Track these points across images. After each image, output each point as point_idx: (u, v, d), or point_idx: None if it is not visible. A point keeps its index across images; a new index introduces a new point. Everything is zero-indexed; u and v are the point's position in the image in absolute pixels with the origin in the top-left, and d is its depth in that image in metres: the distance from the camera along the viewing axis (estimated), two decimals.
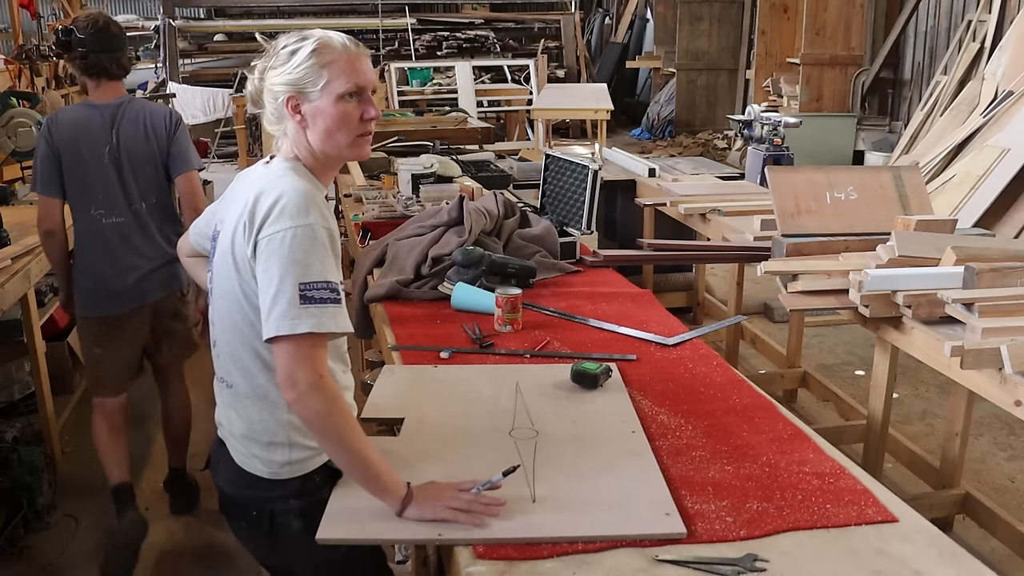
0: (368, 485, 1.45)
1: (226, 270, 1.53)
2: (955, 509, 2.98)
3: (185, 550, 2.95)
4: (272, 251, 1.43)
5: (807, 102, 8.26)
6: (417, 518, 1.42)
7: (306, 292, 1.40)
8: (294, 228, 1.43)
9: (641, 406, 1.89)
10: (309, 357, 1.41)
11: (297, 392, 1.40)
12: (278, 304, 1.40)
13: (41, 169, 2.77)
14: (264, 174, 1.54)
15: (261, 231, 1.45)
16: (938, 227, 2.81)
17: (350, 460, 1.45)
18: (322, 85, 1.50)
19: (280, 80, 1.52)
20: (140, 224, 2.84)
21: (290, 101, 1.52)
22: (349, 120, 1.53)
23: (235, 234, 1.50)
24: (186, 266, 1.90)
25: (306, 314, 1.40)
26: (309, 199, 1.46)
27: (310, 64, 1.50)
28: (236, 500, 1.64)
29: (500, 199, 2.90)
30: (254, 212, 1.46)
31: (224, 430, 1.65)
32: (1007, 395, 2.07)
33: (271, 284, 1.42)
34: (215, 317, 1.60)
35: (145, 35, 13.03)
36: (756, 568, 1.32)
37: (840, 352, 4.64)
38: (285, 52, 1.53)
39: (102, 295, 2.84)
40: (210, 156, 10.79)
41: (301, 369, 1.40)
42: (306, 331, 1.39)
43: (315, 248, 1.43)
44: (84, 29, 2.76)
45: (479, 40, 12.98)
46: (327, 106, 1.51)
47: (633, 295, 2.68)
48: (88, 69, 2.79)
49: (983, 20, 6.78)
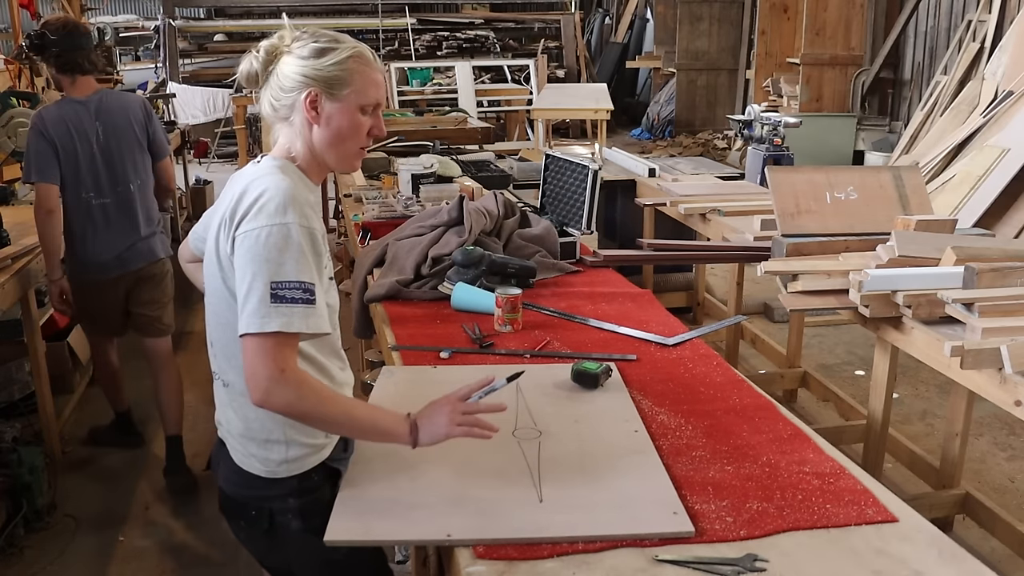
0: (373, 438, 1.51)
1: (213, 268, 1.54)
2: (955, 509, 2.98)
3: (185, 550, 2.95)
4: (247, 248, 1.43)
5: (807, 102, 8.26)
6: (431, 442, 1.48)
7: (277, 291, 1.40)
8: (270, 227, 1.42)
9: (641, 406, 1.89)
10: (271, 354, 1.40)
11: (261, 391, 1.40)
12: (249, 302, 1.41)
13: (38, 161, 3.07)
14: (252, 172, 1.54)
15: (239, 227, 1.45)
16: (938, 227, 2.81)
17: (342, 427, 1.50)
18: (348, 91, 1.51)
19: (302, 71, 1.51)
20: (124, 204, 3.21)
21: (309, 96, 1.51)
22: (360, 132, 1.55)
23: (219, 231, 1.51)
24: (187, 272, 1.89)
25: (276, 313, 1.39)
26: (290, 198, 1.46)
27: (343, 69, 1.51)
28: (235, 499, 1.64)
29: (500, 199, 2.90)
30: (235, 208, 1.47)
31: (223, 429, 1.65)
32: (1007, 395, 2.07)
33: (244, 281, 1.42)
34: (210, 314, 1.60)
35: (145, 35, 13.02)
36: (756, 568, 1.32)
37: (840, 352, 4.64)
38: (314, 47, 1.52)
39: (91, 266, 3.22)
40: (210, 156, 10.80)
41: (262, 366, 1.40)
42: (274, 330, 1.39)
43: (289, 248, 1.42)
44: (56, 31, 3.10)
45: (479, 40, 12.98)
46: (346, 112, 1.52)
47: (633, 295, 2.68)
48: (63, 67, 3.11)
49: (983, 20, 6.78)
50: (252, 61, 1.55)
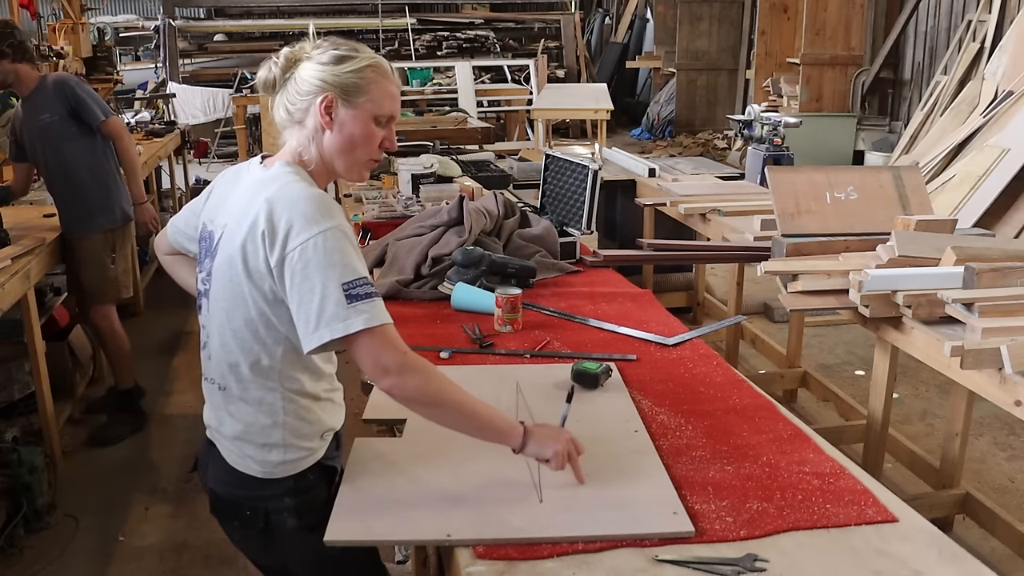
0: (486, 435, 1.53)
1: (233, 276, 1.50)
2: (955, 509, 2.98)
3: (185, 550, 2.95)
4: (307, 260, 1.41)
5: (807, 102, 8.26)
6: (535, 454, 1.52)
7: (350, 291, 1.41)
8: (323, 232, 1.42)
9: (641, 406, 1.90)
10: (389, 342, 1.44)
11: (391, 378, 1.43)
12: (326, 309, 1.40)
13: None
14: (266, 180, 1.51)
15: (288, 243, 1.43)
16: (938, 227, 2.81)
17: (463, 418, 1.51)
18: (364, 100, 1.51)
19: (320, 76, 1.51)
20: (60, 174, 3.58)
21: (325, 100, 1.50)
22: (372, 142, 1.55)
23: (246, 243, 1.47)
24: (164, 264, 1.86)
25: (355, 312, 1.40)
26: (325, 202, 1.47)
27: (361, 77, 1.51)
28: (229, 500, 1.63)
29: (500, 199, 2.90)
30: (273, 223, 1.44)
31: (213, 431, 1.63)
32: (1007, 395, 2.07)
33: (314, 292, 1.41)
34: (212, 319, 1.58)
35: (145, 35, 13.03)
36: (756, 568, 1.32)
37: (840, 352, 4.64)
38: (333, 54, 1.52)
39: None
40: (210, 156, 10.80)
41: (387, 355, 1.43)
42: (360, 328, 1.40)
43: (346, 247, 1.43)
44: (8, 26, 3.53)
45: (479, 40, 12.98)
46: (360, 120, 1.52)
47: (633, 295, 2.68)
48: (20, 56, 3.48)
49: (983, 20, 6.78)
50: (271, 67, 1.54)
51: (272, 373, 1.52)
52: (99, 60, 6.81)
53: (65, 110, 3.49)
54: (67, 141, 3.52)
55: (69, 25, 6.41)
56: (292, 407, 1.55)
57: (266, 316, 1.49)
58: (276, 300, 1.47)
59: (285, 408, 1.54)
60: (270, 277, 1.46)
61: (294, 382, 1.54)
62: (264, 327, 1.49)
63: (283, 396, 1.54)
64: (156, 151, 5.91)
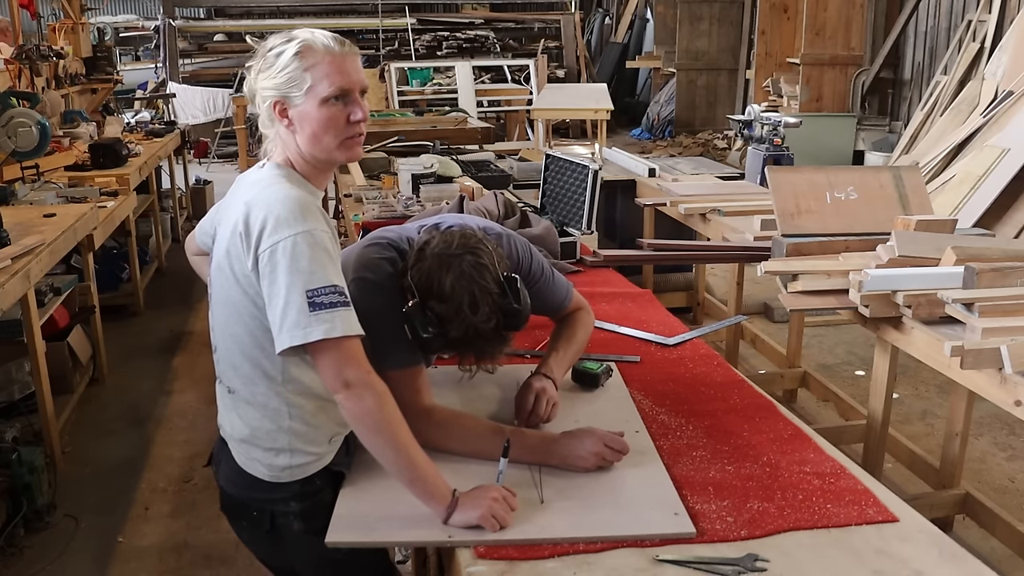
0: (415, 489, 1.44)
1: (224, 280, 1.52)
2: (955, 509, 2.98)
3: (185, 550, 2.95)
4: (275, 262, 1.41)
5: (807, 102, 8.26)
6: (461, 524, 1.42)
7: (314, 299, 1.39)
8: (293, 236, 1.41)
9: (642, 406, 1.90)
10: (353, 356, 1.41)
11: (350, 391, 1.40)
12: (288, 315, 1.39)
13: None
14: (255, 183, 1.52)
15: (260, 244, 1.43)
16: (938, 227, 2.81)
17: (398, 459, 1.44)
18: (306, 89, 1.48)
19: (267, 84, 1.51)
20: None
21: (277, 105, 1.51)
22: (335, 123, 1.51)
23: (230, 245, 1.48)
24: (192, 264, 1.87)
25: (317, 321, 1.38)
26: (302, 205, 1.45)
27: (293, 68, 1.48)
28: (237, 500, 1.64)
29: (500, 199, 2.90)
30: (248, 224, 1.45)
31: (226, 432, 1.64)
32: (1007, 395, 2.07)
33: (279, 295, 1.40)
34: (215, 323, 1.59)
35: (145, 35, 13.03)
36: (757, 568, 1.32)
37: (840, 352, 4.64)
38: (272, 55, 1.51)
39: None
40: (210, 156, 10.81)
41: (349, 368, 1.40)
42: (320, 338, 1.38)
43: (316, 253, 1.41)
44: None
45: (479, 40, 12.97)
46: (312, 110, 1.49)
47: (633, 295, 2.68)
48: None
49: (983, 20, 6.78)
50: (249, 82, 1.57)
51: (275, 376, 1.52)
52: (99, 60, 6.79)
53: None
54: None
55: (69, 25, 6.40)
56: (297, 412, 1.54)
57: (258, 320, 1.48)
58: (264, 304, 1.46)
59: (290, 413, 1.54)
60: (255, 280, 1.45)
61: (298, 385, 1.54)
62: (260, 331, 1.49)
63: (288, 400, 1.53)
64: (156, 151, 5.90)
